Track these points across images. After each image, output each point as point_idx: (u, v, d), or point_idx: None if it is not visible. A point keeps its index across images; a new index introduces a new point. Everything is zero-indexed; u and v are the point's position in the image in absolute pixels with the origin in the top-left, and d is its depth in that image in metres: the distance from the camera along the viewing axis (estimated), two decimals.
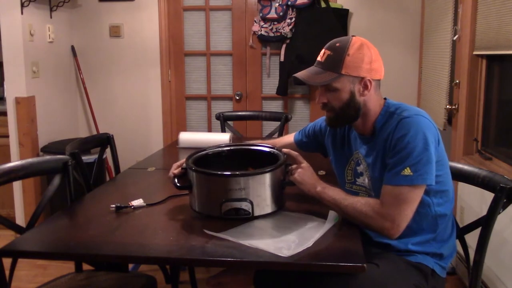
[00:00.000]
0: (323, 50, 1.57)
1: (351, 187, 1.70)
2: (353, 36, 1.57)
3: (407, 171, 1.43)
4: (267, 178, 1.54)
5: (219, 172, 1.54)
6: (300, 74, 1.58)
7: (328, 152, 1.84)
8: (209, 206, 1.56)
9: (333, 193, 1.53)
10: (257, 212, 1.53)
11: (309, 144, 1.97)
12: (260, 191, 1.53)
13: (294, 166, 1.61)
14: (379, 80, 1.58)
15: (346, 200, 1.50)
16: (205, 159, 1.74)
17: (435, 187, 1.51)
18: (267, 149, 1.75)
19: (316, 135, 1.91)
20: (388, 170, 1.48)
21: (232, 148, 1.82)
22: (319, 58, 1.57)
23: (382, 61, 1.58)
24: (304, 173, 1.57)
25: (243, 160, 1.76)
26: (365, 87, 1.54)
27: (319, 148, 1.91)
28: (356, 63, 1.51)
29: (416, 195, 1.45)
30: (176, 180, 1.63)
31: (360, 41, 1.54)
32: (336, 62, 1.52)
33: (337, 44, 1.54)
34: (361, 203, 1.48)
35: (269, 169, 1.55)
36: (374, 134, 1.58)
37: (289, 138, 2.07)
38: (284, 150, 1.71)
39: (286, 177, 1.60)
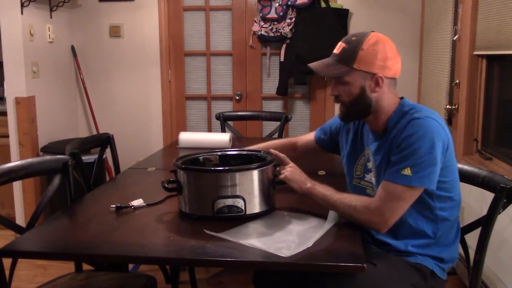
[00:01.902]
0: (339, 43, 1.57)
1: (359, 182, 1.69)
2: (372, 31, 1.56)
3: (407, 171, 1.42)
4: (257, 174, 1.56)
5: (211, 168, 1.59)
6: (313, 64, 1.59)
7: (341, 147, 1.82)
8: (200, 206, 1.56)
9: (323, 189, 1.55)
10: (249, 210, 1.54)
11: (327, 142, 1.96)
12: (251, 188, 1.54)
13: (282, 166, 1.65)
14: (394, 78, 1.57)
15: (335, 195, 1.52)
16: (195, 163, 1.75)
17: (440, 192, 1.50)
18: (256, 153, 1.77)
19: (332, 132, 1.91)
20: (390, 166, 1.47)
21: (222, 153, 1.82)
22: (335, 50, 1.58)
23: (399, 59, 1.57)
24: (293, 172, 1.61)
25: (234, 164, 1.76)
26: (377, 84, 1.53)
27: (336, 147, 1.89)
28: (369, 59, 1.51)
29: (410, 196, 1.45)
30: (166, 183, 1.61)
31: (377, 37, 1.53)
32: (349, 56, 1.52)
33: (353, 38, 1.54)
34: (351, 198, 1.50)
35: (259, 165, 1.57)
36: (386, 132, 1.57)
37: (310, 135, 2.07)
38: (272, 151, 1.73)
39: (276, 177, 1.62)
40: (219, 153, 1.81)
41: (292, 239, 1.39)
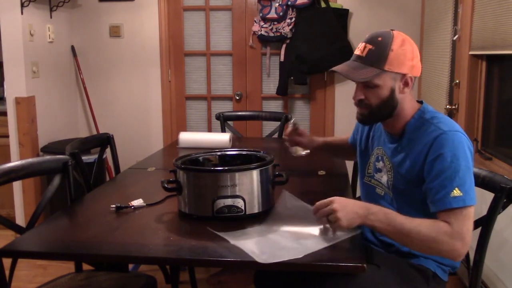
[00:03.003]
0: (362, 44, 1.51)
1: (370, 181, 1.68)
2: (392, 30, 1.51)
3: (457, 192, 1.36)
4: (257, 174, 1.56)
5: (210, 168, 1.59)
6: (338, 68, 1.52)
7: (358, 143, 1.80)
8: (200, 206, 1.56)
9: (387, 218, 1.36)
10: (249, 210, 1.54)
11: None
12: (251, 188, 1.55)
13: (327, 208, 1.37)
14: (415, 78, 1.53)
15: (407, 224, 1.35)
16: (195, 163, 1.75)
17: None
18: (256, 153, 1.77)
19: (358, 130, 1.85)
20: (434, 193, 1.40)
21: (221, 153, 1.82)
22: (358, 53, 1.51)
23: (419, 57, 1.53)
24: (341, 211, 1.35)
25: (234, 164, 1.76)
26: (406, 84, 1.49)
27: None
28: (400, 59, 1.46)
29: (472, 213, 1.37)
30: (166, 183, 1.60)
31: (402, 36, 1.49)
32: (379, 58, 1.46)
33: (379, 39, 1.48)
34: (424, 226, 1.35)
35: (259, 165, 1.57)
36: (403, 136, 1.54)
37: (344, 136, 2.03)
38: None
39: (275, 177, 1.62)
40: (218, 153, 1.81)
41: (291, 245, 1.35)
